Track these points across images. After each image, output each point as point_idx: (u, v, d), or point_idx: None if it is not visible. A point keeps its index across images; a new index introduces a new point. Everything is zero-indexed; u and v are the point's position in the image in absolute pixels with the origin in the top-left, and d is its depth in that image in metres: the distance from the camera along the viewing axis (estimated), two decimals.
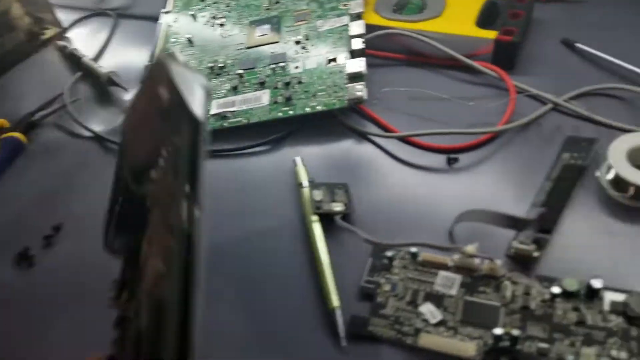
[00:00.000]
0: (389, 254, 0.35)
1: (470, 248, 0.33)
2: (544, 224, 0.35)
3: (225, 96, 0.46)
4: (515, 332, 0.30)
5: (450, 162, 0.41)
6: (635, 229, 0.35)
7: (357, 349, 0.33)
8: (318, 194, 0.39)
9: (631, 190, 0.36)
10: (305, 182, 0.40)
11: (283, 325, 0.35)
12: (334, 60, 0.45)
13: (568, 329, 0.31)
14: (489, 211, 0.30)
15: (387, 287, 0.35)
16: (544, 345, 0.30)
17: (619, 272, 0.33)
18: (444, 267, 0.35)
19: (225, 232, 0.40)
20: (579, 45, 0.45)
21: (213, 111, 0.45)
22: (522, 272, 0.34)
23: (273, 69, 0.46)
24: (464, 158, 0.41)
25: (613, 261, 0.34)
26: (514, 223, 0.30)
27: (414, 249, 0.35)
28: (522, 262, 0.35)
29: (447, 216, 0.37)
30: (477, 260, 0.34)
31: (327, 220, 0.38)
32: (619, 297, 0.31)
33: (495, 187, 0.39)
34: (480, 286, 0.34)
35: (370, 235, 0.35)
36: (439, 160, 0.41)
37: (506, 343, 0.31)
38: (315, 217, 0.38)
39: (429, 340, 0.31)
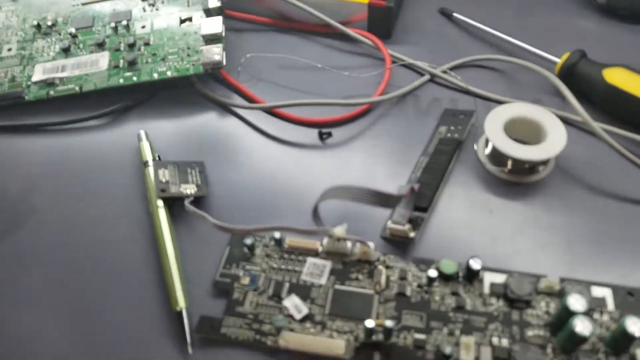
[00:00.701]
0: (249, 241, 0.30)
1: (339, 230, 0.28)
2: (420, 201, 0.32)
3: (54, 59, 0.38)
4: (389, 323, 0.26)
5: (323, 137, 0.36)
6: (514, 204, 0.32)
7: (208, 356, 0.27)
8: (165, 174, 0.32)
9: (509, 164, 0.34)
10: (150, 160, 0.33)
11: (120, 331, 0.28)
12: (188, 19, 0.39)
13: (446, 316, 0.27)
14: (355, 187, 0.26)
15: (245, 281, 0.29)
16: (420, 336, 0.27)
17: (498, 251, 0.30)
18: (313, 253, 0.30)
19: (51, 222, 0.32)
20: (456, 15, 0.43)
21: (37, 77, 0.37)
22: (397, 255, 0.30)
23: (114, 28, 0.39)
24: (337, 132, 0.36)
25: (493, 239, 0.31)
26: (383, 200, 0.26)
27: (277, 235, 0.30)
28: (397, 244, 0.31)
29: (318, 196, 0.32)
30: (349, 244, 0.30)
31: (177, 205, 0.32)
32: (499, 279, 0.29)
33: (371, 163, 0.35)
34: (353, 272, 0.29)
35: (223, 221, 0.29)
36: (311, 135, 0.37)
37: (379, 336, 0.27)
38: (160, 202, 0.31)
39: (292, 340, 0.26)
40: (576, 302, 0.26)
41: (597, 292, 0.28)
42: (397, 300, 0.28)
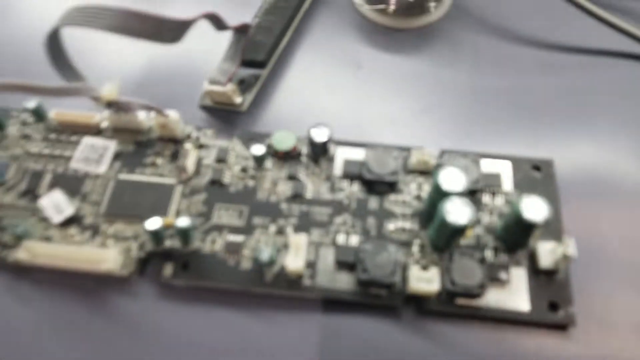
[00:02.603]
0: None
1: (108, 90, 0.19)
2: (253, 52, 0.22)
3: None
4: (183, 222, 0.18)
5: None
6: (392, 57, 0.23)
7: None
8: None
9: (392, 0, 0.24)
10: None
11: None
12: None
13: (277, 209, 0.19)
14: (110, 7, 0.16)
15: None
16: (236, 238, 0.19)
17: (364, 120, 0.22)
18: (93, 130, 0.21)
19: None
20: None
21: None
22: (221, 131, 0.21)
23: None
24: None
25: (358, 105, 0.22)
26: (154, 27, 0.16)
27: (32, 104, 0.20)
28: (223, 117, 0.22)
29: None
30: (141, 116, 0.21)
31: None
32: (357, 155, 0.21)
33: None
34: (149, 156, 0.20)
35: None
36: None
37: (175, 242, 0.19)
38: None
39: (39, 252, 0.18)
40: (450, 177, 0.18)
41: (490, 166, 0.20)
42: (210, 191, 0.20)
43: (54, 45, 0.17)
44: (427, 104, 0.22)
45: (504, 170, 0.20)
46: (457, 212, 0.17)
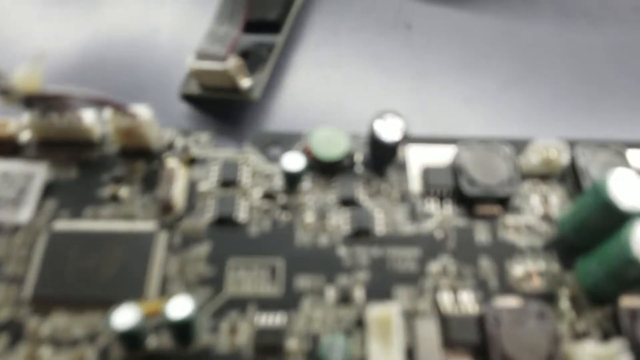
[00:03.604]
0: None
1: (25, 74, 0.10)
2: (263, 10, 0.15)
3: None
4: (181, 306, 0.10)
5: None
6: (450, 14, 0.16)
7: None
8: None
9: None
10: None
11: None
12: None
13: (332, 257, 0.12)
14: None
15: None
16: (268, 321, 0.11)
17: (428, 106, 0.15)
18: (6, 147, 0.13)
19: None
20: None
21: None
22: (220, 132, 0.14)
23: None
24: None
25: (414, 85, 0.15)
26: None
27: None
28: (215, 109, 0.14)
29: None
30: (88, 117, 0.12)
31: None
32: (438, 156, 0.13)
33: None
34: (106, 185, 0.12)
35: None
36: None
37: (160, 340, 0.11)
38: None
39: None
40: (625, 187, 0.11)
41: (637, 159, 0.14)
42: (216, 237, 0.12)
43: None
44: (509, 73, 0.15)
45: None
46: None
